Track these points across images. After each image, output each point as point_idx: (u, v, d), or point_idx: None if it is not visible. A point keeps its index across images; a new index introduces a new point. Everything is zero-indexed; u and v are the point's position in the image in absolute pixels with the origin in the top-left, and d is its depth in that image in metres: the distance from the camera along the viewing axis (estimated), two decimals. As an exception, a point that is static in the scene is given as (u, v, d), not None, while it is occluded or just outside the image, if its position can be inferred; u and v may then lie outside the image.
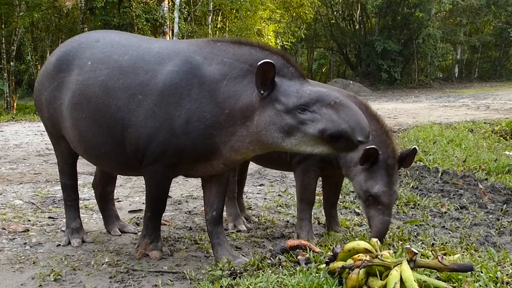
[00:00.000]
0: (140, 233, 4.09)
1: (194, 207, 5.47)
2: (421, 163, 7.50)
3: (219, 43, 3.64)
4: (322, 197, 4.71)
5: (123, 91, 3.59)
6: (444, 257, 3.09)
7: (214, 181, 3.82)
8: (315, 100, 3.25)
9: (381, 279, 3.00)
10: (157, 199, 3.79)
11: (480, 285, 3.04)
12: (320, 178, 4.45)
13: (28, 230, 4.56)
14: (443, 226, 4.66)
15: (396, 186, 3.83)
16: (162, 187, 3.75)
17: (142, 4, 21.12)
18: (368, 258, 3.05)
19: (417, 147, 3.89)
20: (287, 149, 3.42)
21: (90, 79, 3.72)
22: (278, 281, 3.15)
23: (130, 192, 6.20)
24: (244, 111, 3.39)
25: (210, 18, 24.05)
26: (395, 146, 3.88)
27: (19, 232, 4.53)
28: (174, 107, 3.47)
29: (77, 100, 3.77)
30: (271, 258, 3.63)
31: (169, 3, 21.71)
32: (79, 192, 4.56)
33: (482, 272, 3.23)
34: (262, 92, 3.27)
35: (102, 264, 3.71)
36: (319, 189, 4.80)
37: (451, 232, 4.47)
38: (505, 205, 5.35)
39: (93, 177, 4.75)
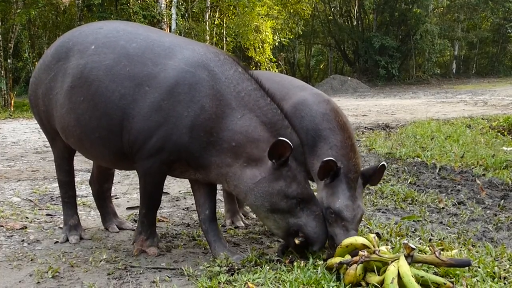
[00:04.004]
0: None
1: (192, 204, 5.46)
2: (419, 159, 7.51)
3: (240, 68, 3.65)
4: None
5: (129, 79, 3.56)
6: (441, 252, 3.10)
7: (201, 182, 3.82)
8: (309, 202, 3.48)
9: (378, 275, 3.01)
10: (151, 195, 3.78)
11: (477, 280, 3.05)
12: None
13: (26, 227, 4.56)
14: (441, 222, 4.67)
15: (360, 201, 3.57)
16: (157, 182, 3.74)
17: (139, 1, 21.09)
18: (366, 253, 3.06)
19: (385, 164, 3.64)
20: (257, 212, 3.58)
21: (94, 62, 3.67)
22: (276, 277, 3.16)
23: (128, 189, 6.20)
24: (250, 159, 3.46)
25: (207, 14, 24.03)
26: (357, 160, 3.64)
27: (17, 229, 4.52)
28: (183, 106, 3.45)
29: (77, 83, 3.71)
30: (269, 254, 3.64)
31: (166, -1, 21.70)
32: (76, 189, 4.55)
33: (479, 267, 3.24)
34: (273, 162, 3.39)
35: (100, 261, 3.71)
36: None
37: (448, 228, 4.47)
38: (502, 200, 5.36)
39: (90, 174, 4.75)
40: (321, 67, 41.74)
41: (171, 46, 3.65)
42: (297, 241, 3.46)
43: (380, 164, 3.61)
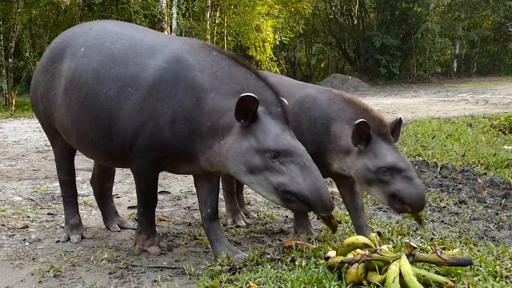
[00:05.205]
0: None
1: (193, 203, 5.47)
2: (420, 158, 7.50)
3: (214, 52, 3.61)
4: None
5: (114, 81, 3.58)
6: (443, 251, 3.10)
7: (204, 179, 3.82)
8: (289, 153, 3.19)
9: (380, 274, 3.01)
10: (147, 193, 3.79)
11: (479, 279, 3.05)
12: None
13: (27, 227, 4.57)
14: (442, 221, 4.67)
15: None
16: (150, 180, 3.75)
17: (140, 0, 21.07)
18: (367, 253, 3.06)
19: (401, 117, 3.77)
20: (242, 180, 3.39)
21: (83, 65, 3.71)
22: (277, 276, 3.15)
23: (129, 188, 6.20)
24: (224, 130, 3.37)
25: (208, 13, 24.00)
26: (381, 117, 3.71)
27: (18, 228, 4.53)
28: (162, 104, 3.45)
29: (69, 86, 3.74)
30: (271, 253, 3.64)
31: (167, -2, 21.68)
32: (77, 188, 4.56)
33: (481, 266, 3.24)
34: (242, 121, 3.25)
35: (102, 260, 3.71)
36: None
37: (450, 227, 4.47)
38: (504, 199, 5.36)
39: (91, 173, 4.75)
40: (322, 66, 41.68)
41: (152, 45, 3.65)
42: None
43: (399, 117, 3.71)
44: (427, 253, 3.27)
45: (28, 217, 4.89)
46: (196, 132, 3.44)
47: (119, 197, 5.73)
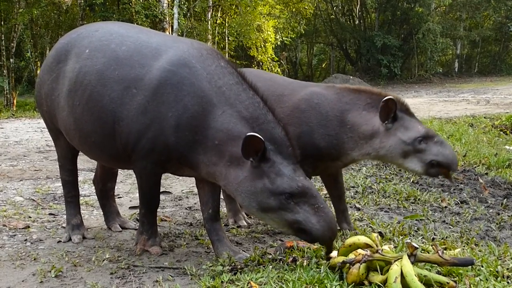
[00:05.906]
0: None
1: (195, 203, 5.47)
2: (421, 158, 7.49)
3: (222, 62, 3.58)
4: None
5: (118, 82, 3.57)
6: (444, 251, 3.10)
7: (206, 180, 3.79)
8: (303, 195, 3.24)
9: (381, 274, 3.01)
10: (149, 194, 3.79)
11: (480, 279, 3.04)
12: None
13: (28, 227, 4.57)
14: (444, 221, 4.67)
15: None
16: (153, 182, 3.74)
17: (141, 0, 21.08)
18: (368, 253, 3.06)
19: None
20: (250, 212, 3.51)
21: (87, 66, 3.70)
22: (278, 276, 3.15)
23: (130, 188, 6.20)
24: (232, 158, 3.34)
25: (209, 14, 24.00)
26: (396, 95, 3.88)
27: (19, 228, 4.53)
28: (167, 107, 3.43)
29: (73, 87, 3.74)
30: (272, 253, 3.64)
31: (168, -1, 21.69)
32: (79, 188, 4.56)
33: (482, 266, 3.24)
34: (251, 160, 3.24)
35: (103, 260, 3.71)
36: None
37: (451, 227, 4.47)
38: (505, 199, 5.36)
39: (93, 173, 4.75)
40: (323, 66, 41.65)
41: (157, 47, 3.64)
42: None
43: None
44: (428, 253, 3.27)
45: (30, 217, 4.90)
46: (201, 143, 3.42)
47: (120, 197, 5.74)
